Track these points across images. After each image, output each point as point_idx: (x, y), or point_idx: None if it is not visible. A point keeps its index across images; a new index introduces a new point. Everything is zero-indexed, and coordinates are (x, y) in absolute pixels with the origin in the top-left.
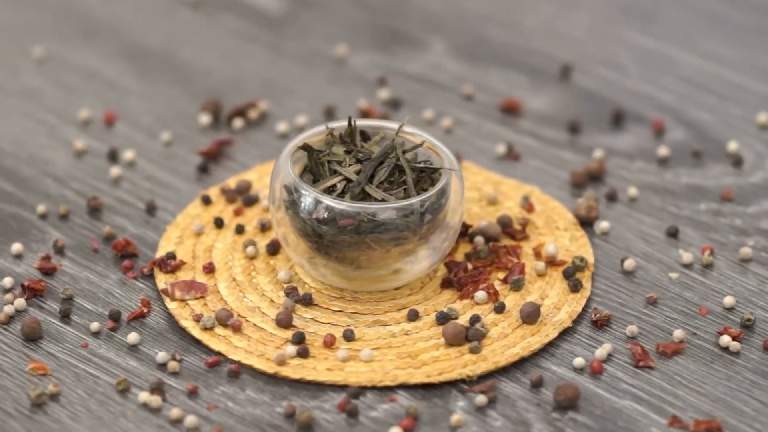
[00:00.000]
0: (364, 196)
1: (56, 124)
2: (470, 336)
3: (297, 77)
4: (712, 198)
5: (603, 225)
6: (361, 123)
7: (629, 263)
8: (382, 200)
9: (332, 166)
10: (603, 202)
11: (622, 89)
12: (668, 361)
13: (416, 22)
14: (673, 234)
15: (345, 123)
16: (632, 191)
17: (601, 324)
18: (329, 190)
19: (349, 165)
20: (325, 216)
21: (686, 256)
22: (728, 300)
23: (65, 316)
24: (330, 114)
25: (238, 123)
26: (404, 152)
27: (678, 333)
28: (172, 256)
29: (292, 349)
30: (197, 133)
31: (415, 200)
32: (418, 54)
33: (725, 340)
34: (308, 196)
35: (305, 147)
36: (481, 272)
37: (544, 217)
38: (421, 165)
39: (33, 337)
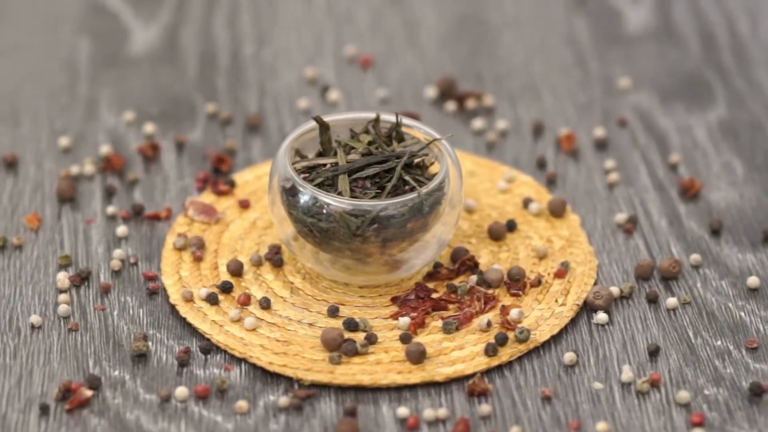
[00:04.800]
0: (333, 183)
1: (324, 52)
2: (343, 348)
3: (558, 91)
4: (739, 341)
5: (600, 316)
6: (412, 123)
7: (569, 356)
8: (339, 193)
9: (336, 147)
10: (640, 301)
11: None
12: None
13: (731, 82)
14: (652, 353)
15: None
16: (671, 302)
17: (471, 393)
18: (316, 168)
19: (355, 153)
20: (288, 187)
21: (626, 375)
22: (601, 426)
23: (109, 194)
24: (536, 130)
25: (450, 106)
26: (416, 164)
27: (514, 430)
28: (231, 182)
29: (204, 291)
30: (416, 102)
31: (359, 203)
32: (688, 112)
33: None
34: (286, 166)
35: (317, 120)
36: (424, 302)
37: (562, 288)
38: (412, 178)
39: (62, 197)
